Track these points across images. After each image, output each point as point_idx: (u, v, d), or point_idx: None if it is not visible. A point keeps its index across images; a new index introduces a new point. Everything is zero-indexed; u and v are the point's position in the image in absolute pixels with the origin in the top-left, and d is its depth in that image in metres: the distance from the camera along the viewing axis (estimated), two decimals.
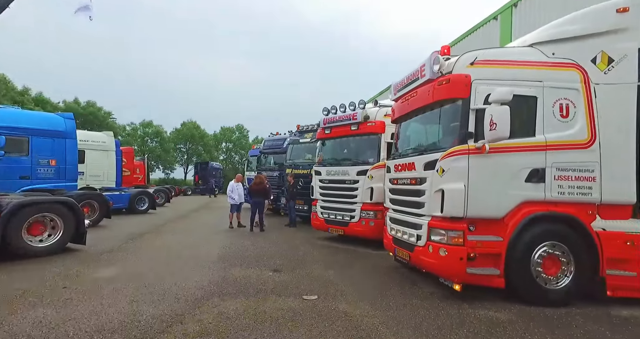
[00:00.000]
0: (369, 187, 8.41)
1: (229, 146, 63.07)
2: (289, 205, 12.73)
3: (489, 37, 14.06)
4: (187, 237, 9.91)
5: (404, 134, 6.40)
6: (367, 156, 8.77)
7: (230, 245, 8.85)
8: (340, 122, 9.21)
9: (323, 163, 9.85)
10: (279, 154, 16.96)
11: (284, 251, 8.09)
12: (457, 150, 4.63)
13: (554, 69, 4.77)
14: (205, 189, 36.98)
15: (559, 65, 4.78)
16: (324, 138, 9.90)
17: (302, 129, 14.47)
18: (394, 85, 6.40)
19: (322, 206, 9.59)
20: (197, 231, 11.08)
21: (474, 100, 4.65)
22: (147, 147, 49.05)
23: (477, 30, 15.31)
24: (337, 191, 9.13)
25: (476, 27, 15.41)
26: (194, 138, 54.64)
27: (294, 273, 6.18)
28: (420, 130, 5.91)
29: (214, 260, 7.08)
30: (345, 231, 8.86)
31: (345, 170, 8.96)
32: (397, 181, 5.95)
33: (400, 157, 6.02)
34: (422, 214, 5.14)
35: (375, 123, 8.58)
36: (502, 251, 4.49)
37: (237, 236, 10.34)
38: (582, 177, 4.65)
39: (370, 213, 8.40)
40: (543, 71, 4.76)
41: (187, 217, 15.45)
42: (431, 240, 4.88)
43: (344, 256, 7.68)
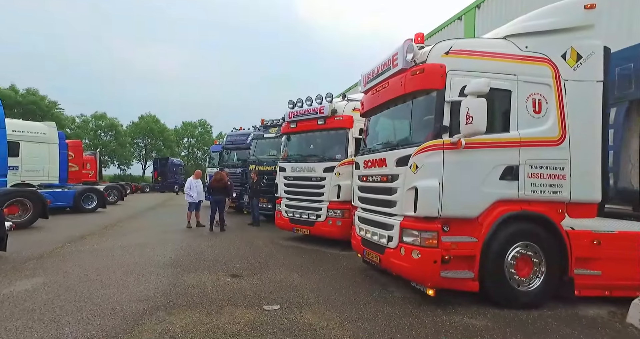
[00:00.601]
0: (336, 185, 8.02)
1: (191, 142, 60.70)
2: (252, 203, 12.10)
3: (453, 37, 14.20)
4: (137, 239, 9.00)
5: (374, 128, 6.05)
6: (335, 152, 8.38)
7: (185, 247, 8.11)
8: (306, 115, 8.74)
9: (288, 159, 9.33)
10: (242, 150, 16.23)
11: (245, 254, 7.51)
12: (432, 145, 4.33)
13: (527, 63, 4.60)
14: (164, 186, 35.25)
15: (532, 59, 4.62)
16: (289, 132, 9.38)
17: (267, 124, 13.86)
18: (363, 76, 6.02)
19: (286, 204, 9.08)
20: (150, 232, 10.15)
21: (449, 91, 4.37)
22: (101, 140, 45.70)
23: (441, 31, 15.45)
24: (303, 189, 8.67)
25: (440, 27, 15.57)
26: (153, 132, 51.85)
27: (255, 278, 5.65)
28: (391, 123, 5.58)
29: (165, 264, 6.37)
30: (311, 231, 8.43)
31: (311, 167, 8.52)
32: (367, 179, 5.60)
33: (370, 153, 5.66)
34: (394, 214, 4.81)
35: (343, 118, 8.20)
36: (476, 252, 4.25)
37: (195, 237, 9.57)
38: (553, 175, 4.53)
39: (338, 212, 8.03)
40: (517, 65, 4.58)
41: (140, 216, 14.28)
42: (403, 242, 4.56)
43: (310, 258, 7.25)
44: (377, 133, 5.88)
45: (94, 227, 10.85)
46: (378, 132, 5.85)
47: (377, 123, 5.89)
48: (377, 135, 5.89)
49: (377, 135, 5.89)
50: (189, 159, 59.06)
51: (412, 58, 4.63)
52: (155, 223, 12.34)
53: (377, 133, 5.86)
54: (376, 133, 5.91)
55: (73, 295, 4.57)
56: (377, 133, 5.86)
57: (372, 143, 6.01)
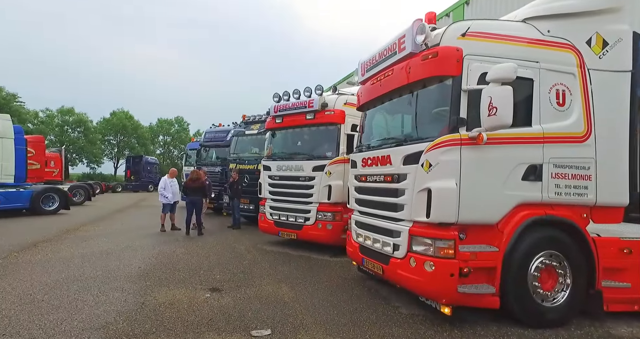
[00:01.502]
0: (326, 185, 7.37)
1: (167, 139, 58.51)
2: (232, 204, 11.27)
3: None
4: (101, 245, 8.01)
5: (374, 122, 5.43)
6: (325, 149, 7.72)
7: (158, 254, 7.23)
8: (294, 109, 8.03)
9: (273, 157, 8.59)
10: (221, 147, 15.33)
11: (226, 261, 6.73)
12: (447, 140, 3.75)
13: (550, 49, 4.10)
14: (138, 185, 33.55)
15: (555, 44, 4.13)
16: (274, 128, 8.64)
17: (249, 119, 13.02)
18: (361, 64, 5.39)
19: (271, 206, 8.35)
20: (118, 237, 9.14)
21: (466, 79, 3.80)
22: (68, 137, 43.01)
23: None
24: (290, 190, 7.96)
25: None
26: (126, 129, 49.44)
27: (239, 292, 4.91)
28: (396, 117, 4.97)
29: (132, 277, 5.51)
30: (299, 235, 7.74)
31: (299, 165, 7.82)
32: (366, 179, 4.97)
33: (370, 149, 5.04)
34: (401, 219, 4.20)
35: (334, 112, 7.55)
36: (497, 264, 3.70)
37: (169, 242, 8.67)
38: (578, 175, 4.06)
39: (328, 214, 7.38)
40: (539, 50, 4.07)
41: (108, 218, 13.10)
42: (413, 251, 3.96)
43: (298, 266, 6.57)
44: (378, 127, 5.27)
45: (52, 232, 9.71)
46: (380, 127, 5.24)
47: (379, 117, 5.27)
48: (378, 130, 5.28)
49: (378, 130, 5.28)
50: (165, 157, 56.89)
51: (424, 40, 4.04)
52: (125, 226, 11.27)
53: (379, 128, 5.25)
54: (377, 127, 5.29)
55: (5, 326, 3.66)
56: (379, 128, 5.25)
57: (371, 138, 5.40)
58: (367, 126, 5.60)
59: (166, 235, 9.63)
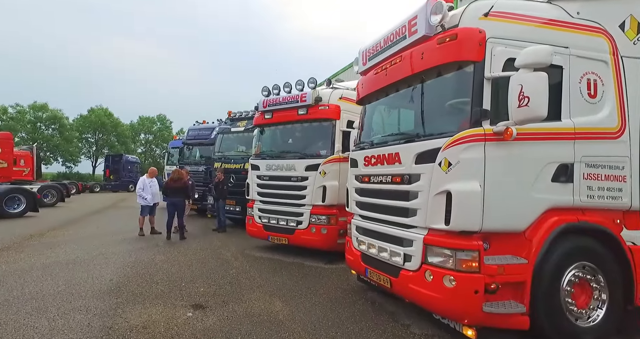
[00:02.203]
0: (320, 186, 6.79)
1: (149, 138, 56.71)
2: (217, 206, 10.57)
3: None
4: (69, 253, 7.20)
5: (378, 116, 4.89)
6: (319, 147, 7.15)
7: (134, 263, 6.50)
8: (285, 104, 7.42)
9: (262, 156, 7.96)
10: (205, 146, 14.57)
11: (211, 270, 6.08)
12: (469, 135, 3.23)
13: (580, 33, 3.64)
14: (118, 185, 32.21)
15: (585, 28, 3.66)
16: (263, 124, 8.00)
17: (235, 116, 12.31)
18: (362, 52, 4.83)
19: (260, 208, 7.71)
20: (89, 243, 8.32)
21: (490, 65, 3.29)
22: (41, 134, 40.93)
23: None
24: (280, 191, 7.35)
25: None
26: (105, 127, 47.54)
27: (226, 310, 4.28)
28: (406, 110, 4.42)
29: (101, 293, 4.80)
30: (290, 240, 7.13)
31: (290, 164, 7.22)
32: (369, 180, 4.42)
33: (373, 147, 4.48)
34: (413, 225, 3.67)
35: (329, 107, 6.97)
36: (527, 278, 3.21)
37: (148, 247, 7.93)
38: (612, 176, 3.61)
39: (322, 218, 6.80)
40: (569, 34, 3.60)
41: (81, 221, 12.14)
42: (429, 263, 3.43)
43: (291, 275, 5.97)
44: (383, 122, 4.72)
45: (12, 238, 8.77)
46: (385, 121, 4.69)
47: (384, 110, 4.72)
48: (383, 125, 4.73)
49: (383, 125, 4.73)
50: (146, 157, 55.13)
51: (440, 21, 3.51)
52: (100, 230, 10.39)
53: (384, 123, 4.70)
54: (382, 122, 4.75)
55: None
56: (384, 123, 4.70)
57: (375, 134, 4.86)
58: (369, 121, 5.05)
59: (145, 240, 8.86)
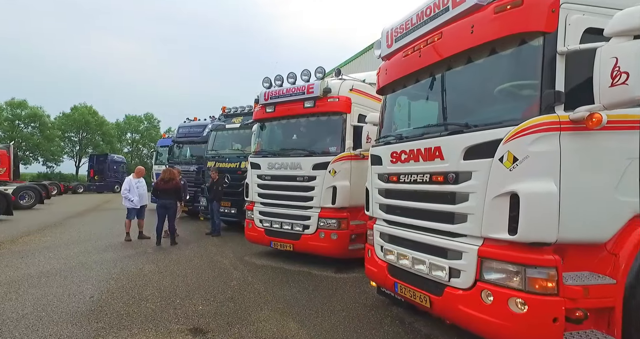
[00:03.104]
0: (330, 186, 6.14)
1: (136, 137, 55.03)
2: (211, 208, 9.80)
3: None
4: (43, 264, 6.36)
5: (405, 106, 4.27)
6: (327, 144, 6.50)
7: (120, 274, 5.73)
8: (289, 96, 6.74)
9: (263, 153, 7.26)
10: (197, 144, 13.78)
11: (209, 283, 5.36)
12: (541, 123, 2.62)
13: None
14: (102, 186, 30.95)
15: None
16: (264, 119, 7.29)
17: (229, 112, 11.57)
18: (387, 33, 4.19)
19: (261, 211, 7.02)
20: (70, 250, 7.47)
21: (564, 36, 2.69)
22: (20, 132, 39.08)
23: None
24: (284, 192, 6.67)
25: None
26: (89, 125, 45.81)
27: (231, 334, 3.59)
28: (448, 95, 3.77)
29: (78, 315, 4.04)
30: (296, 246, 6.45)
31: (295, 163, 6.54)
32: (399, 179, 3.79)
33: (403, 140, 3.85)
34: (462, 233, 3.05)
35: (338, 99, 6.33)
36: (617, 303, 2.61)
37: (136, 255, 7.14)
38: None
39: (332, 221, 6.15)
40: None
41: (62, 225, 11.18)
42: (485, 281, 2.81)
43: (300, 286, 5.30)
44: (414, 112, 4.09)
45: None
46: (417, 111, 4.06)
47: (414, 98, 4.09)
48: (416, 115, 4.10)
49: (416, 115, 4.10)
50: (133, 156, 53.48)
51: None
52: (81, 235, 9.50)
53: (415, 113, 4.07)
54: (412, 112, 4.12)
55: None
56: (415, 113, 4.07)
57: (402, 127, 4.25)
58: (395, 111, 4.43)
59: (132, 246, 8.05)
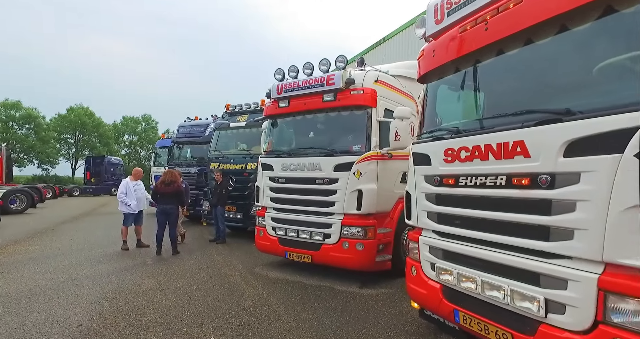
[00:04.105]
0: (355, 190, 5.41)
1: (133, 139, 54.11)
2: (215, 213, 9.04)
3: None
4: (29, 279, 5.58)
5: (458, 93, 3.54)
6: (350, 142, 5.77)
7: (115, 292, 4.96)
8: (306, 89, 6.01)
9: (275, 153, 6.52)
10: (198, 145, 13.05)
11: (219, 303, 4.60)
12: None
13: None
14: (99, 189, 30.08)
15: None
16: (276, 114, 6.55)
17: (234, 110, 10.83)
18: (435, 6, 3.47)
19: (274, 217, 6.27)
20: (60, 262, 6.69)
21: None
22: (14, 134, 38.12)
23: None
24: (301, 196, 5.93)
25: None
26: (86, 127, 44.89)
27: None
28: (525, 76, 3.03)
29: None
30: (315, 258, 5.70)
31: (314, 163, 5.80)
32: (459, 182, 3.06)
33: (462, 135, 3.12)
34: (564, 254, 2.31)
35: (363, 92, 5.61)
36: None
37: (134, 267, 6.37)
38: None
39: (357, 230, 5.41)
40: None
41: (53, 232, 10.37)
42: (614, 325, 2.07)
43: (325, 307, 4.55)
44: (473, 100, 3.34)
45: None
46: (477, 98, 3.31)
47: (472, 83, 3.34)
48: (473, 104, 3.36)
49: (473, 104, 3.36)
50: (131, 158, 52.56)
51: None
52: (73, 243, 8.70)
53: (475, 100, 3.32)
54: (471, 100, 3.37)
55: None
56: (475, 100, 3.32)
57: (452, 119, 3.53)
58: (442, 101, 3.72)
59: (130, 256, 7.28)
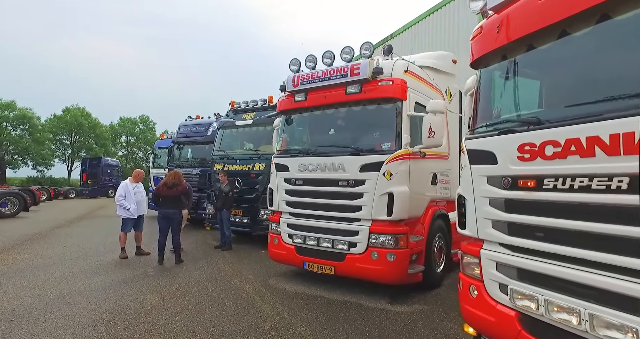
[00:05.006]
0: (385, 193, 4.80)
1: (130, 140, 53.30)
2: (220, 217, 8.41)
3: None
4: (12, 296, 4.91)
5: (525, 76, 2.94)
6: (378, 139, 5.17)
7: (112, 312, 4.31)
8: (327, 80, 5.39)
9: (291, 152, 5.90)
10: (200, 145, 12.42)
11: (234, 325, 3.96)
12: None
13: None
14: (96, 191, 29.32)
15: None
16: (292, 109, 5.93)
17: (239, 107, 10.21)
18: None
19: (291, 224, 5.65)
20: (50, 274, 6.02)
21: None
22: (8, 135, 37.24)
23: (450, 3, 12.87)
24: (322, 200, 5.31)
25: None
26: (82, 127, 44.05)
27: None
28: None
29: None
30: (339, 269, 5.07)
31: (337, 163, 5.18)
32: (544, 185, 2.45)
33: (545, 126, 2.51)
34: None
35: (393, 82, 5.00)
36: None
37: (134, 279, 5.72)
38: None
39: (388, 238, 4.80)
40: None
41: (45, 238, 9.66)
42: None
43: (357, 329, 3.92)
44: (566, 78, 2.72)
45: None
46: (573, 74, 2.69)
47: (551, 61, 2.73)
48: (553, 87, 2.75)
49: (553, 87, 2.75)
50: (128, 160, 51.76)
51: None
52: (67, 251, 8.02)
53: (570, 78, 2.70)
54: (551, 81, 2.77)
55: None
56: (570, 78, 2.70)
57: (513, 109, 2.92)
58: (501, 86, 3.12)
59: (129, 266, 6.63)
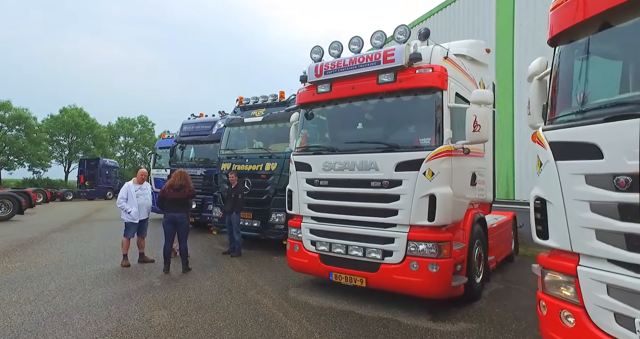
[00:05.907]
0: (426, 195, 4.21)
1: (129, 141, 52.59)
2: (229, 221, 7.80)
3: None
4: (1, 312, 4.30)
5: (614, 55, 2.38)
6: (415, 133, 4.60)
7: (116, 333, 3.71)
8: (355, 68, 4.80)
9: (313, 149, 5.32)
10: (204, 144, 11.81)
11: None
12: None
13: None
14: (94, 192, 28.64)
15: None
16: (315, 102, 5.34)
17: (247, 103, 9.59)
18: None
19: (314, 229, 5.06)
20: (45, 286, 5.40)
21: None
22: (4, 136, 36.43)
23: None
24: (351, 202, 4.72)
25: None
26: (80, 128, 43.31)
27: None
28: None
29: None
30: (371, 281, 4.48)
31: (367, 162, 4.60)
32: None
33: None
34: None
35: (432, 70, 4.43)
36: None
37: (138, 292, 5.11)
38: None
39: (430, 246, 4.21)
40: None
41: (40, 243, 8.99)
42: None
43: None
44: None
45: None
46: None
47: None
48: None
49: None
50: (127, 161, 51.04)
51: None
52: (63, 257, 7.38)
53: None
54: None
55: None
56: None
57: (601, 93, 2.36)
58: (586, 66, 2.57)
59: (133, 276, 6.02)
